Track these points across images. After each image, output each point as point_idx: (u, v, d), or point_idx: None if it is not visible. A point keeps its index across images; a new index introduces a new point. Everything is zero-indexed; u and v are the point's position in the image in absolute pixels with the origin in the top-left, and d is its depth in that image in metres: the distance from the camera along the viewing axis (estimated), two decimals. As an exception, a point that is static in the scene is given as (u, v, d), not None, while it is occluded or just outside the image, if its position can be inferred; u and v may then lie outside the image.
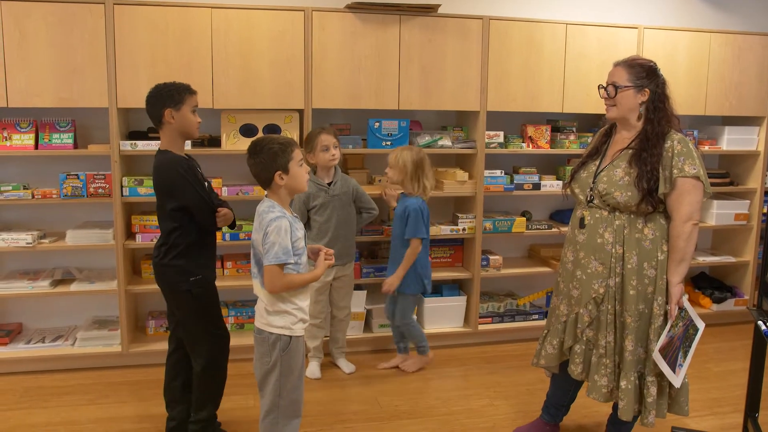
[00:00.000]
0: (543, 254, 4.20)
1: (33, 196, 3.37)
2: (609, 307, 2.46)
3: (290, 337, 2.28)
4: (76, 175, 3.38)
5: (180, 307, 2.66)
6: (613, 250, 2.44)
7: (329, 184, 3.30)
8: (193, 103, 2.58)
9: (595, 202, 2.49)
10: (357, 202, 3.41)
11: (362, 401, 3.20)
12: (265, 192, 2.34)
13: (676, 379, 2.37)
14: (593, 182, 2.49)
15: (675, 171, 2.36)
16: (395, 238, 3.40)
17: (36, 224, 3.59)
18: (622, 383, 2.46)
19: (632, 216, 2.43)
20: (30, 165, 3.56)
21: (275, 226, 2.19)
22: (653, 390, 2.45)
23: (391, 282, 3.35)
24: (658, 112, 2.41)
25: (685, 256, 2.40)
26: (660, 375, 2.46)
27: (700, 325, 2.38)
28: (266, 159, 2.24)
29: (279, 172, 2.24)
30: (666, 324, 2.44)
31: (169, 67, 3.33)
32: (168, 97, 2.52)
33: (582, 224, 2.52)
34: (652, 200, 2.38)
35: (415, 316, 3.56)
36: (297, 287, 2.27)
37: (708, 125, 4.40)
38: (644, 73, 2.42)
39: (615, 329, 2.47)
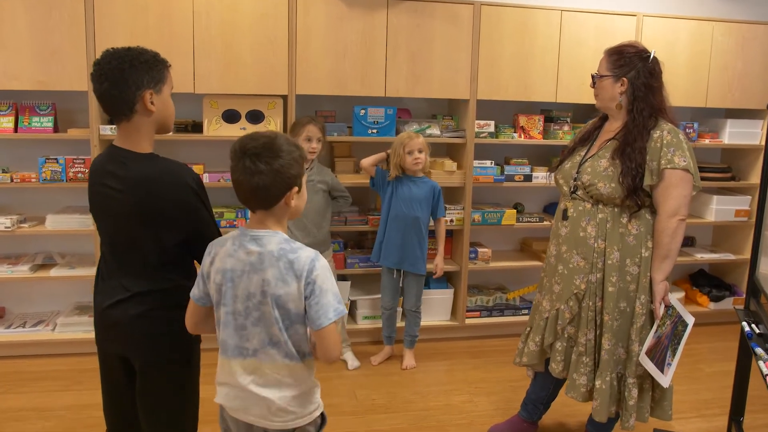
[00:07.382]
0: (535, 248, 4.10)
1: (12, 180, 3.33)
2: (590, 303, 2.36)
3: (321, 413, 1.69)
4: (56, 159, 3.33)
5: (163, 385, 1.79)
6: (596, 245, 2.34)
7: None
8: (171, 83, 1.79)
9: (578, 193, 2.39)
10: (333, 192, 3.38)
11: (338, 394, 3.13)
12: (252, 216, 1.60)
13: (664, 379, 2.28)
14: (577, 172, 2.40)
15: (663, 162, 2.24)
16: (406, 219, 3.33)
17: (16, 208, 3.56)
18: (597, 383, 2.37)
19: (616, 210, 2.32)
20: (9, 148, 3.51)
21: (320, 269, 1.54)
22: (634, 392, 2.36)
23: (441, 263, 3.48)
24: (638, 103, 2.29)
25: (670, 252, 2.28)
26: (641, 377, 2.37)
27: (689, 320, 2.29)
28: (286, 167, 1.52)
29: (296, 189, 1.57)
30: (651, 324, 2.34)
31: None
32: (146, 72, 1.69)
33: (565, 216, 2.42)
34: (637, 198, 2.27)
35: None
36: None
37: (709, 118, 4.26)
38: (622, 62, 2.31)
39: (596, 327, 2.38)
